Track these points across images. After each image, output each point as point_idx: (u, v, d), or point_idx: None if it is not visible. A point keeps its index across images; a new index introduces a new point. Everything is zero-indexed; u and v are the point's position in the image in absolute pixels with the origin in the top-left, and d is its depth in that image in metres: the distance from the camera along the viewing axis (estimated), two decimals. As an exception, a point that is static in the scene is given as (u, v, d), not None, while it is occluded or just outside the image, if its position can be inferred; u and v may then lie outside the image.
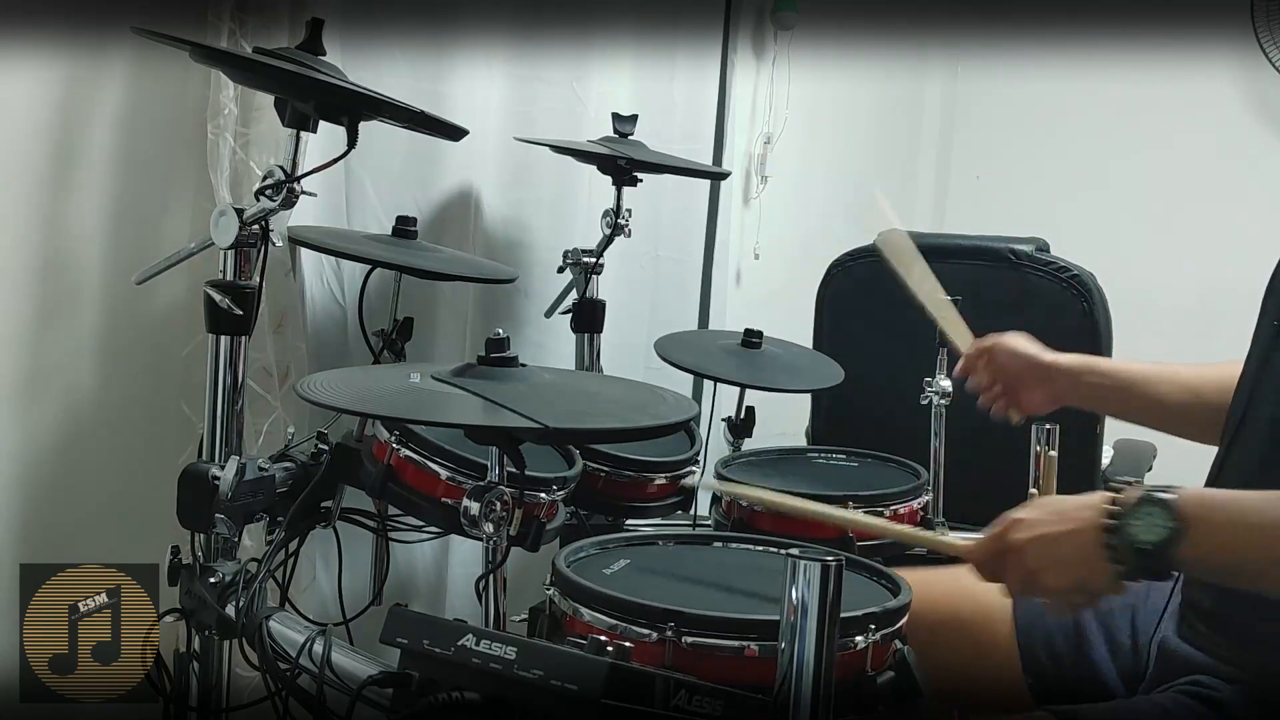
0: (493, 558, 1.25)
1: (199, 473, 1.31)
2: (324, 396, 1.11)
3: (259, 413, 1.67)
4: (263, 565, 1.31)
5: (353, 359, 1.78)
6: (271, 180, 1.32)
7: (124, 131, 1.60)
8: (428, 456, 1.32)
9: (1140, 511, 1.06)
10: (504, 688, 0.96)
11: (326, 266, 1.78)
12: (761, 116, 2.86)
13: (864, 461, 1.84)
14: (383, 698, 1.03)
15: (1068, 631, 1.33)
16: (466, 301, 2.00)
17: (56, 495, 1.59)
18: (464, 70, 1.92)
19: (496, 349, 1.16)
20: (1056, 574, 1.11)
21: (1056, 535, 1.11)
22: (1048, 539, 1.12)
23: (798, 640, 0.90)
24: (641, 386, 1.33)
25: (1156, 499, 1.06)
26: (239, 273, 1.35)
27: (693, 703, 0.94)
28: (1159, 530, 1.04)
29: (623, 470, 1.62)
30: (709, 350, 1.88)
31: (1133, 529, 1.06)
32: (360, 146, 1.37)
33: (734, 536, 1.38)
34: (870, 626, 1.09)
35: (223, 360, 1.36)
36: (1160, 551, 1.05)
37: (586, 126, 2.10)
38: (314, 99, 1.31)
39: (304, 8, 1.60)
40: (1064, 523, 1.11)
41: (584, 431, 1.26)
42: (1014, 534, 1.14)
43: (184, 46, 1.30)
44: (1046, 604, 1.18)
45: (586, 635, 1.06)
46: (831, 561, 0.90)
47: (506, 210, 2.07)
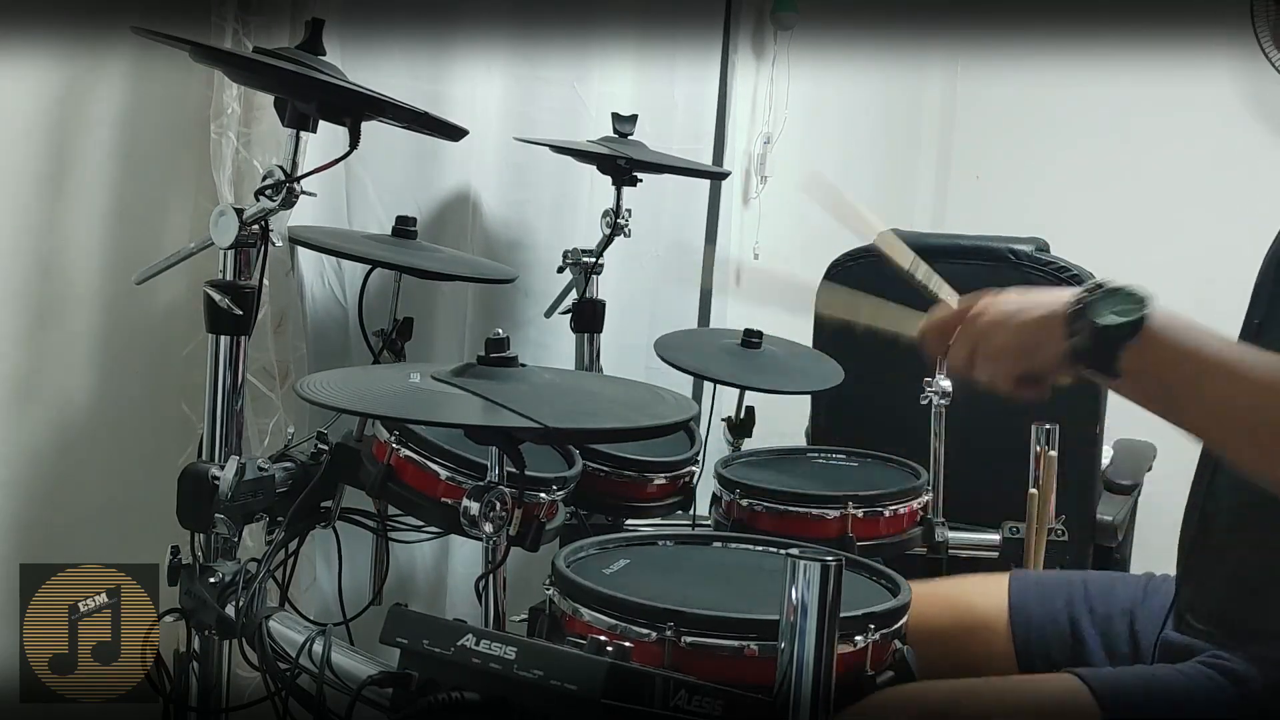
0: (492, 558, 1.25)
1: (199, 473, 1.31)
2: (324, 396, 1.11)
3: (262, 412, 1.67)
4: (263, 565, 1.31)
5: (353, 359, 1.78)
6: (271, 180, 1.32)
7: (124, 131, 1.60)
8: (427, 456, 1.32)
9: (1114, 295, 1.07)
10: (504, 688, 0.96)
11: (327, 266, 1.78)
12: (761, 116, 2.86)
13: (864, 461, 1.84)
14: (383, 698, 1.04)
15: (1065, 641, 1.34)
16: (466, 301, 2.00)
17: (56, 495, 1.59)
18: (464, 70, 1.92)
19: (496, 349, 1.16)
20: (1004, 336, 1.13)
21: (1019, 303, 1.13)
22: (1008, 304, 1.14)
23: (797, 640, 0.90)
24: (641, 386, 1.33)
25: (1135, 292, 1.07)
26: (239, 273, 1.35)
27: (692, 703, 0.94)
28: (1125, 315, 1.05)
29: (623, 470, 1.62)
30: (709, 350, 1.88)
31: (1100, 306, 1.06)
32: (360, 146, 1.37)
33: (734, 536, 1.38)
34: (870, 626, 1.09)
35: (223, 360, 1.36)
36: (1115, 335, 1.05)
37: (587, 126, 2.10)
38: (315, 99, 1.31)
39: (304, 8, 1.60)
40: (1032, 295, 1.13)
41: (584, 431, 1.26)
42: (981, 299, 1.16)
43: (184, 46, 1.30)
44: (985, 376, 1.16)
45: (586, 635, 1.06)
46: (831, 561, 0.90)
47: (506, 210, 2.07)
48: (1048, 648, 1.34)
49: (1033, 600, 1.37)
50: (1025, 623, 1.35)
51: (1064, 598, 1.36)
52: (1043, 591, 1.38)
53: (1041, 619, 1.35)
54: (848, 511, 1.57)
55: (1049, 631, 1.34)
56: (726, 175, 2.53)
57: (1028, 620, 1.35)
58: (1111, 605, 1.34)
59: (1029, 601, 1.37)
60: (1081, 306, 1.07)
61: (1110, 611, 1.34)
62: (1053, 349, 1.09)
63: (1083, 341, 1.07)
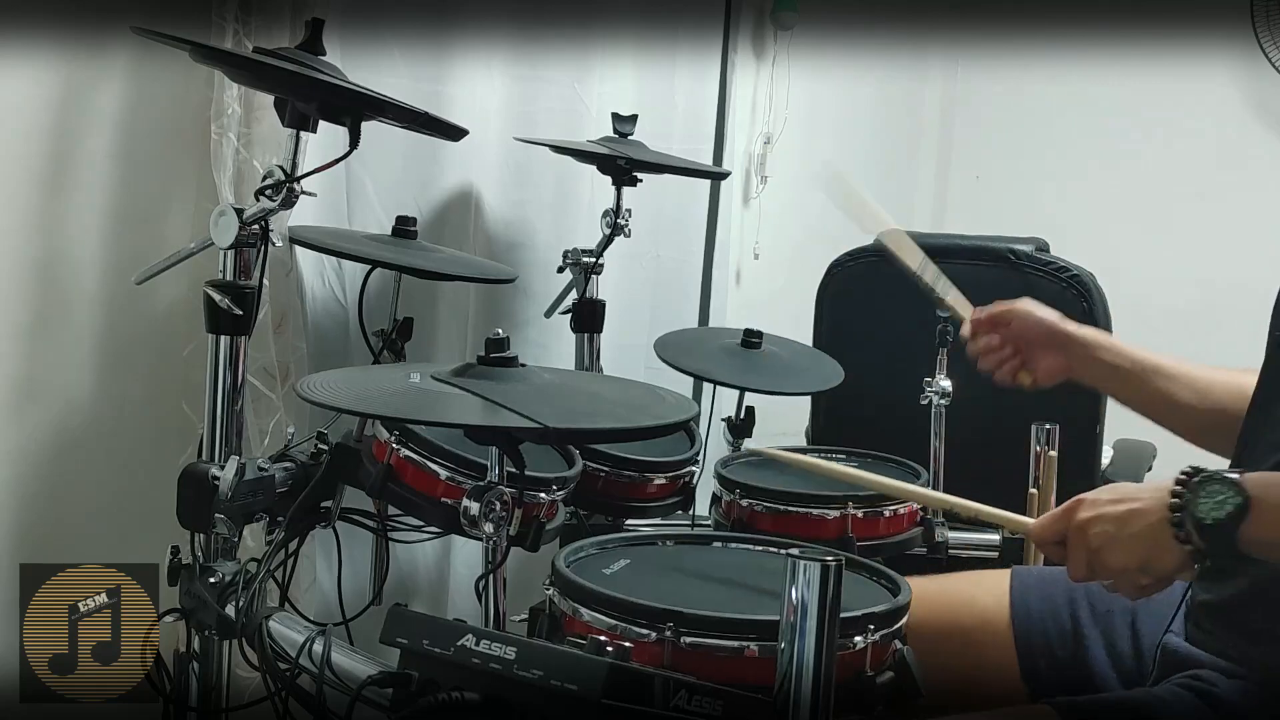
0: (492, 558, 1.25)
1: (199, 473, 1.31)
2: (324, 396, 1.11)
3: (262, 412, 1.67)
4: (263, 565, 1.31)
5: (353, 359, 1.78)
6: (271, 180, 1.32)
7: (124, 131, 1.60)
8: (427, 456, 1.32)
9: (1205, 487, 1.06)
10: (504, 688, 0.96)
11: (327, 266, 1.78)
12: (761, 116, 2.86)
13: (864, 461, 1.83)
14: (383, 698, 1.03)
15: (1066, 637, 1.33)
16: (466, 301, 2.00)
17: (56, 495, 1.59)
18: (464, 70, 1.92)
19: (496, 349, 1.16)
20: (1120, 553, 1.11)
21: (1121, 513, 1.11)
22: (1112, 517, 1.11)
23: (797, 640, 0.90)
24: (641, 386, 1.33)
25: (1222, 475, 1.06)
26: (239, 273, 1.35)
27: (692, 703, 0.94)
28: (1224, 506, 1.04)
29: (623, 470, 1.62)
30: (709, 350, 1.88)
31: (1198, 504, 1.05)
32: (360, 146, 1.37)
33: (734, 536, 1.38)
34: (870, 626, 1.09)
35: (223, 360, 1.36)
36: (1226, 527, 1.04)
37: (587, 126, 2.10)
38: (315, 99, 1.31)
39: (304, 8, 1.60)
40: (1130, 502, 1.11)
41: (584, 431, 1.26)
42: (1079, 512, 1.13)
43: (183, 46, 1.30)
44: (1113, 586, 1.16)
45: (586, 635, 1.06)
46: (831, 561, 0.90)
47: (506, 210, 2.07)
48: (1049, 644, 1.34)
49: (1034, 596, 1.37)
50: (1026, 619, 1.35)
51: (1065, 594, 1.36)
52: (1044, 588, 1.38)
53: (1043, 615, 1.35)
54: (848, 511, 1.56)
55: (1050, 627, 1.34)
56: (726, 175, 2.53)
57: (1029, 616, 1.35)
58: (1112, 603, 1.34)
59: (1030, 598, 1.37)
60: (1183, 510, 1.07)
61: (1111, 609, 1.34)
62: (1171, 557, 1.08)
63: (1198, 543, 1.07)
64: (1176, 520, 1.07)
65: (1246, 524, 1.04)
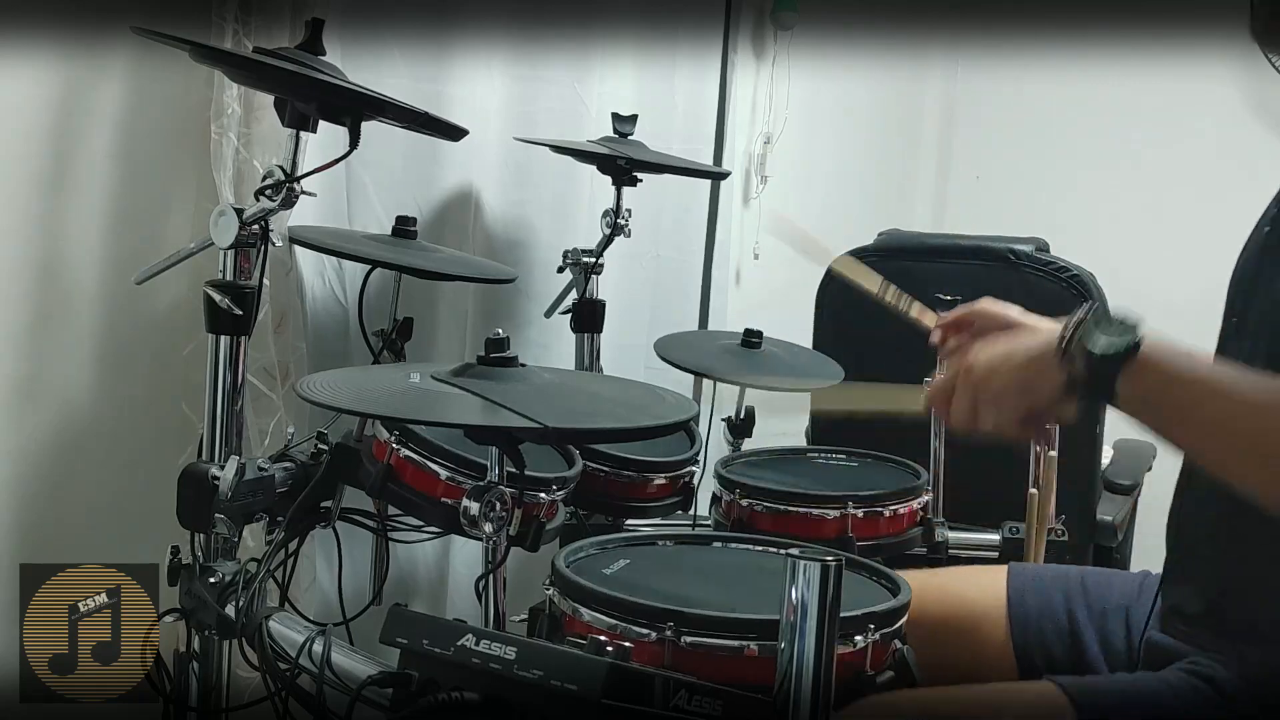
0: (492, 558, 1.25)
1: (199, 473, 1.31)
2: (324, 396, 1.11)
3: (262, 412, 1.67)
4: (263, 565, 1.31)
5: (353, 359, 1.78)
6: (271, 180, 1.32)
7: (124, 131, 1.60)
8: (427, 456, 1.32)
9: (1105, 322, 1.06)
10: (504, 688, 0.96)
11: (327, 266, 1.78)
12: (761, 116, 2.86)
13: (864, 461, 1.84)
14: (383, 698, 1.03)
15: (1062, 634, 1.34)
16: (466, 301, 2.00)
17: (56, 495, 1.59)
18: (464, 70, 1.92)
19: (496, 349, 1.16)
20: (1003, 376, 1.12)
21: (1011, 344, 1.13)
22: (1002, 348, 1.14)
23: (797, 640, 0.90)
24: (641, 386, 1.33)
25: (1123, 315, 1.07)
26: (239, 273, 1.35)
27: (692, 703, 0.94)
28: (1116, 344, 1.05)
29: (623, 470, 1.62)
30: (709, 350, 1.88)
31: (1092, 333, 1.06)
32: (360, 146, 1.38)
33: (734, 536, 1.38)
34: (869, 626, 1.09)
35: (222, 360, 1.36)
36: (1110, 364, 1.05)
37: (587, 126, 2.10)
38: (315, 99, 1.31)
39: (304, 8, 1.60)
40: (1021, 334, 1.14)
41: (584, 431, 1.26)
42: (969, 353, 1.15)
43: (183, 46, 1.30)
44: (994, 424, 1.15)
45: (586, 635, 1.06)
46: (831, 561, 0.90)
47: (507, 210, 2.07)
48: (1045, 641, 1.34)
49: (1030, 593, 1.37)
50: (1023, 616, 1.35)
51: (1061, 592, 1.37)
52: (1040, 585, 1.38)
53: (1039, 612, 1.35)
54: (848, 511, 1.57)
55: (1046, 625, 1.34)
56: (726, 175, 2.53)
57: (1025, 613, 1.35)
58: (1108, 600, 1.35)
59: (1027, 595, 1.37)
60: (1074, 336, 1.07)
61: (1106, 607, 1.34)
62: (1051, 383, 1.09)
63: (1079, 371, 1.07)
64: (1065, 344, 1.07)
65: (1129, 370, 1.04)
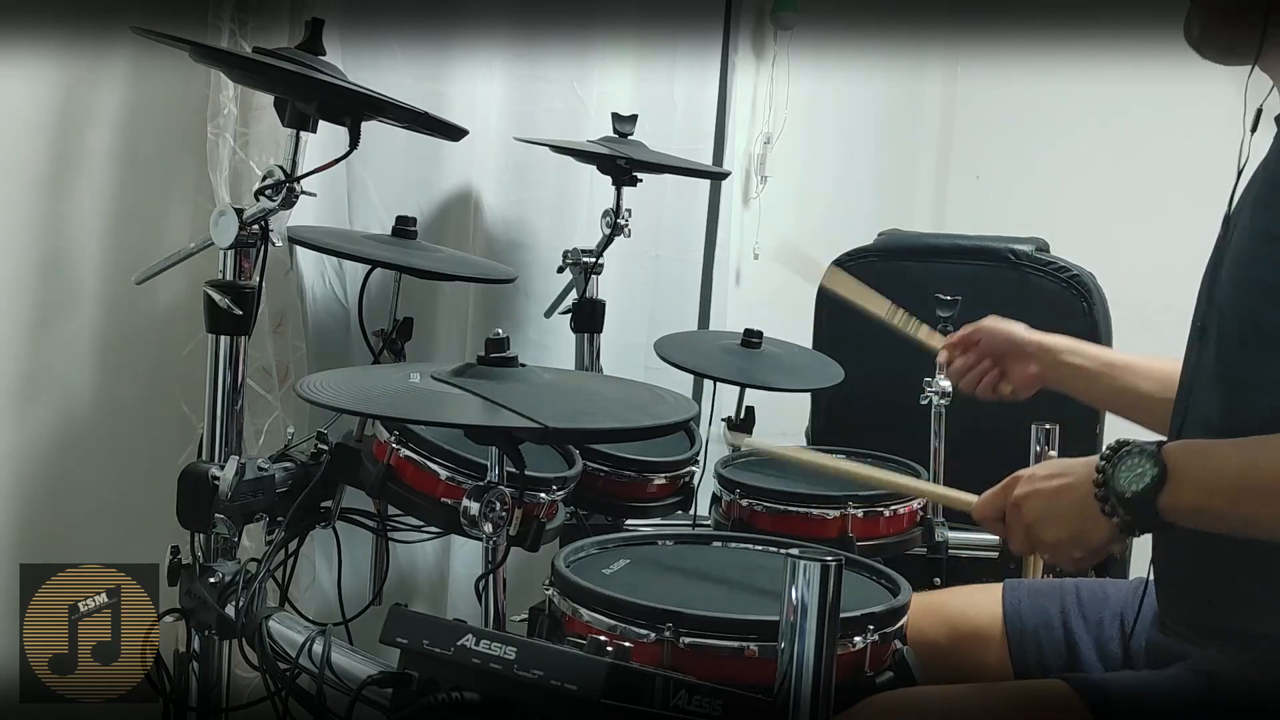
0: (492, 558, 1.25)
1: (199, 473, 1.31)
2: (324, 396, 1.11)
3: (259, 413, 1.67)
4: (263, 565, 1.31)
5: (353, 359, 1.78)
6: (271, 180, 1.32)
7: (124, 131, 1.60)
8: (427, 456, 1.32)
9: (1125, 461, 1.08)
10: (504, 688, 0.96)
11: (328, 266, 1.78)
12: (761, 116, 2.86)
13: (864, 461, 1.83)
14: (383, 698, 1.04)
15: (1059, 646, 1.34)
16: (466, 301, 2.00)
17: (56, 495, 1.59)
18: (464, 70, 1.92)
19: (496, 349, 1.16)
20: (1053, 527, 1.15)
21: (1053, 489, 1.16)
22: (1044, 493, 1.16)
23: (797, 640, 0.90)
24: (641, 386, 1.33)
25: (1140, 447, 1.08)
26: (239, 273, 1.35)
27: (692, 703, 0.94)
28: (1142, 478, 1.07)
29: (623, 470, 1.62)
30: (709, 350, 1.88)
31: (1118, 477, 1.08)
32: (360, 146, 1.38)
33: (734, 536, 1.38)
34: (869, 626, 1.09)
35: (222, 360, 1.36)
36: (1145, 498, 1.07)
37: (587, 126, 2.10)
38: (315, 99, 1.31)
39: (304, 8, 1.60)
40: (1061, 477, 1.15)
41: (584, 431, 1.26)
42: (1016, 489, 1.18)
43: (183, 46, 1.30)
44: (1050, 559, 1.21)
45: (586, 635, 1.06)
46: (831, 561, 0.90)
47: (507, 210, 2.07)
48: (1042, 655, 1.34)
49: (1026, 609, 1.38)
50: (1020, 631, 1.36)
51: (1057, 605, 1.38)
52: (1036, 600, 1.39)
53: (1035, 627, 1.36)
54: (848, 511, 1.57)
55: (1043, 639, 1.35)
56: (726, 175, 2.53)
57: (1022, 629, 1.36)
58: (1103, 610, 1.36)
59: (1023, 610, 1.38)
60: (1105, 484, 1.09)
61: (1102, 617, 1.35)
62: (1101, 530, 1.11)
63: (1122, 515, 1.09)
64: (1101, 495, 1.10)
65: (1165, 493, 1.06)
